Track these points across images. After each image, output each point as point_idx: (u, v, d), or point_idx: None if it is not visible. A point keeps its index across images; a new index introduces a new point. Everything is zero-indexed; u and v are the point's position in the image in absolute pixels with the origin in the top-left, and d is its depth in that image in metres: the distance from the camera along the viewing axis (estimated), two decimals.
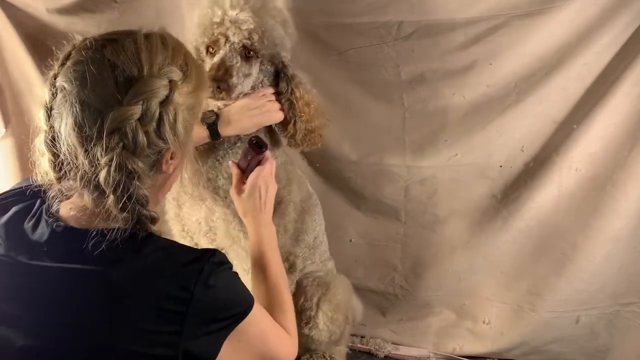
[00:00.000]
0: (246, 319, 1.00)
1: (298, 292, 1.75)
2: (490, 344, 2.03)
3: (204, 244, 1.59)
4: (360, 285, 2.06)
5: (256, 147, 1.35)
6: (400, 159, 2.01)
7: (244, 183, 1.33)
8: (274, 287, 1.25)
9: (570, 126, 1.81)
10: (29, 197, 1.03)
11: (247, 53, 1.44)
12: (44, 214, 0.99)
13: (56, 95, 0.94)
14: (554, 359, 1.99)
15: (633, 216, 1.79)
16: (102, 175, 0.91)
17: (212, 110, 1.48)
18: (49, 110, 0.95)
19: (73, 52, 0.96)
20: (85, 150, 0.91)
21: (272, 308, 1.19)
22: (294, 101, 1.53)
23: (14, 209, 1.02)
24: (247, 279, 1.27)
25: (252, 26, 1.41)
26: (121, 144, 0.91)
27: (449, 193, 2.01)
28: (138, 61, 0.93)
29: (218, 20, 1.41)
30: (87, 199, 0.95)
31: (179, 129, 0.97)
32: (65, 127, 0.92)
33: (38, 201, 1.02)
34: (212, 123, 1.45)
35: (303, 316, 1.74)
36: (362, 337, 2.13)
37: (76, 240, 0.93)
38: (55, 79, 0.95)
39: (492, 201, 1.98)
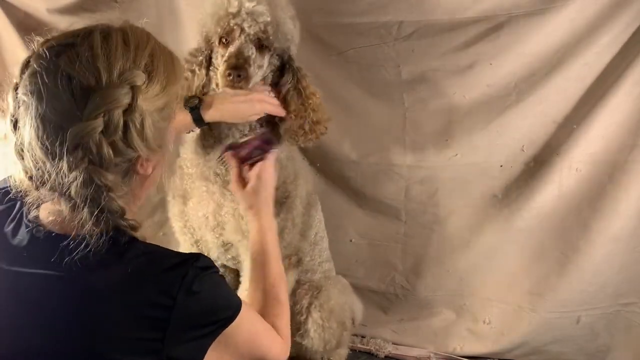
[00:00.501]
0: (233, 324, 0.97)
1: None
2: (490, 344, 2.03)
3: (209, 239, 1.58)
4: (360, 285, 2.06)
5: (267, 142, 1.36)
6: (401, 159, 2.01)
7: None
8: (272, 287, 1.20)
9: (571, 126, 1.81)
10: (7, 199, 0.99)
11: (261, 45, 1.43)
12: (24, 218, 0.95)
13: (19, 106, 0.89)
14: (555, 359, 1.98)
15: (633, 216, 1.79)
16: (73, 189, 0.87)
17: (196, 95, 1.47)
18: (14, 122, 0.90)
19: (31, 59, 0.90)
20: (52, 165, 0.87)
21: (267, 308, 1.16)
22: (301, 89, 1.52)
23: None
24: None
25: (268, 19, 1.40)
26: (86, 159, 0.86)
27: (449, 193, 2.01)
28: (95, 70, 0.87)
29: (234, 11, 1.40)
30: (64, 206, 0.91)
31: (148, 134, 0.91)
32: (29, 141, 0.88)
33: (18, 204, 0.98)
34: (194, 107, 1.44)
35: (293, 322, 1.64)
36: (363, 337, 2.12)
37: (57, 246, 0.90)
38: (16, 89, 0.90)
39: (493, 201, 1.98)
